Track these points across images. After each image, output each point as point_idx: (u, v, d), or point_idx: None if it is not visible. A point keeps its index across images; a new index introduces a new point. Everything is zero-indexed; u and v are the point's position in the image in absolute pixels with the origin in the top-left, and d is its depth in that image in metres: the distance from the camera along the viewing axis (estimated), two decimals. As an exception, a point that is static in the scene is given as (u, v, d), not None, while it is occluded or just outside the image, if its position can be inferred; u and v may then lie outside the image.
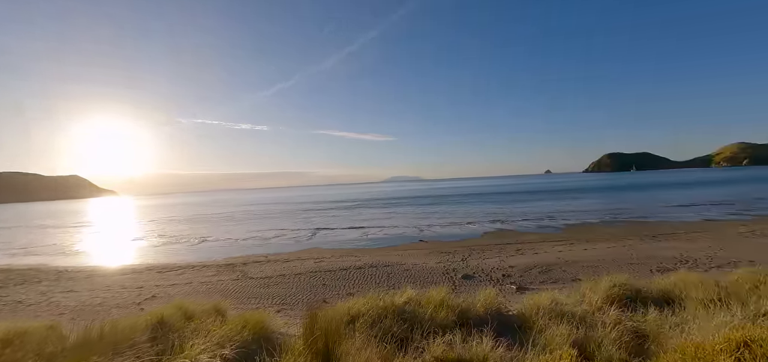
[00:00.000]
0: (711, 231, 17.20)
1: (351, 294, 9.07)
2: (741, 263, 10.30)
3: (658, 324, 4.78)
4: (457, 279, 10.39)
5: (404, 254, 14.58)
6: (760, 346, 2.70)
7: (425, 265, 12.20)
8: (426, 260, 13.16)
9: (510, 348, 3.68)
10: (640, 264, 11.03)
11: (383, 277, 10.87)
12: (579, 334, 4.27)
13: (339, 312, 5.14)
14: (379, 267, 12.02)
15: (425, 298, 5.73)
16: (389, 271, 11.53)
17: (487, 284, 9.61)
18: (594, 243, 15.28)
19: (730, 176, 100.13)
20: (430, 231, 22.31)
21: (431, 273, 11.17)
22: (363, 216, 34.22)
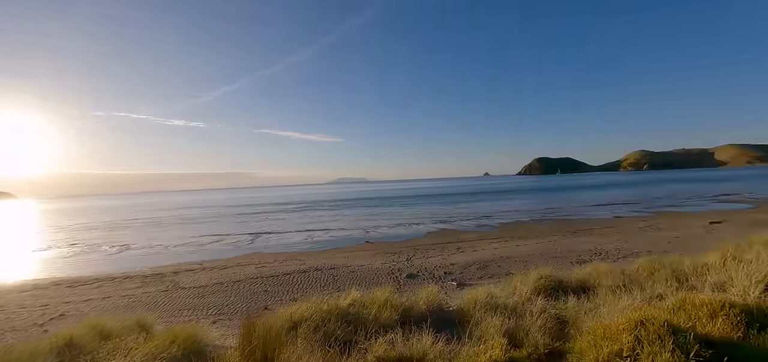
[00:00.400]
0: (619, 227, 19.75)
1: (295, 299, 8.78)
2: (641, 253, 11.97)
3: (576, 310, 5.35)
4: (401, 278, 10.61)
5: (350, 256, 14.52)
6: (652, 324, 3.17)
7: (371, 266, 12.27)
8: (372, 261, 13.24)
9: (449, 342, 3.85)
10: (562, 257, 12.27)
11: (328, 280, 10.71)
12: (510, 324, 4.62)
13: (280, 319, 4.95)
14: (324, 270, 11.82)
15: (370, 299, 5.76)
16: (335, 274, 11.39)
17: (430, 282, 9.95)
18: (525, 240, 16.66)
19: (633, 179, 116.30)
20: (376, 232, 22.51)
21: (377, 273, 11.27)
22: (309, 218, 33.42)
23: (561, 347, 3.93)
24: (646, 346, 2.97)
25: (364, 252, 15.60)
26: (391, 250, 15.62)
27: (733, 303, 3.95)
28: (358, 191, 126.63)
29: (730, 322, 3.52)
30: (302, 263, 13.31)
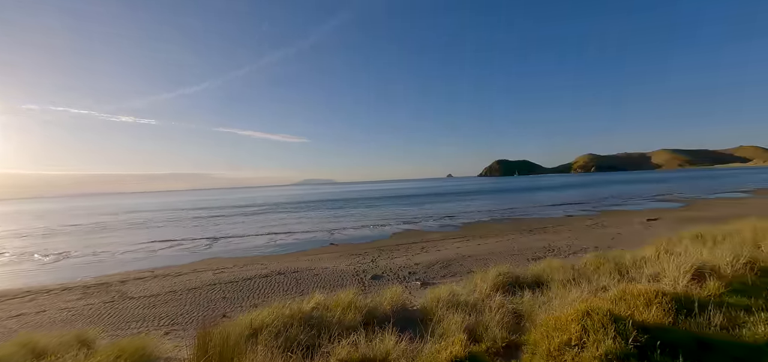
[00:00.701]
0: (570, 225, 21.12)
1: (256, 305, 8.47)
2: (589, 249, 12.89)
3: (531, 304, 5.65)
4: (366, 279, 10.61)
5: (314, 259, 14.27)
6: (597, 314, 3.43)
7: (336, 268, 12.15)
8: (336, 263, 13.11)
9: (412, 340, 3.91)
10: (519, 254, 12.90)
11: (292, 284, 10.45)
12: (471, 320, 4.78)
13: (240, 326, 4.75)
14: (287, 274, 11.52)
15: (334, 302, 5.70)
16: (298, 277, 11.15)
17: (394, 282, 10.03)
18: (486, 239, 17.32)
19: (583, 180, 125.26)
20: (341, 234, 22.32)
21: (341, 275, 11.17)
22: (272, 221, 32.42)
23: (517, 339, 4.14)
24: (592, 334, 3.21)
25: (329, 254, 15.41)
26: (357, 251, 15.57)
27: (665, 292, 4.38)
28: (324, 192, 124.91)
29: (662, 309, 3.90)
30: (264, 267, 12.88)
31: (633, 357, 2.96)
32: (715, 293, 4.65)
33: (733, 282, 5.14)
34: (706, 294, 4.62)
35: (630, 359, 2.93)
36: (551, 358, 3.25)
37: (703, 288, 4.85)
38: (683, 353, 2.99)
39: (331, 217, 34.16)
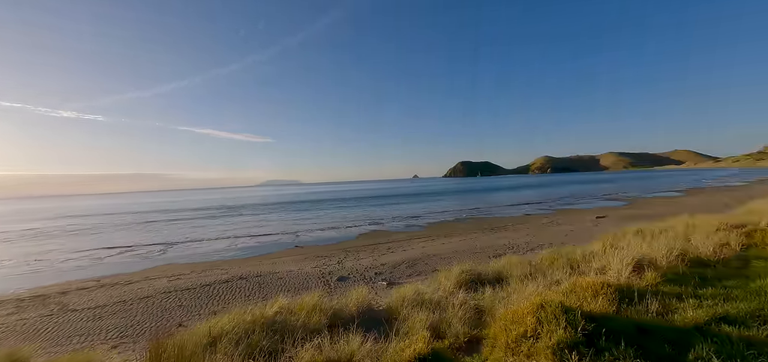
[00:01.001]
0: (528, 223, 22.24)
1: (215, 312, 8.09)
2: (545, 245, 13.62)
3: (492, 299, 5.88)
4: (332, 281, 10.50)
5: (278, 262, 13.90)
6: (550, 306, 3.64)
7: (301, 271, 11.91)
8: (302, 266, 12.86)
9: (377, 340, 3.93)
10: (482, 252, 13.37)
11: (254, 289, 10.11)
12: (435, 318, 4.89)
13: (197, 335, 4.52)
14: (249, 279, 11.12)
15: (298, 305, 5.59)
16: (261, 281, 10.80)
17: (361, 283, 10.02)
18: (450, 238, 17.78)
19: (540, 181, 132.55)
20: (307, 236, 21.92)
21: (307, 278, 10.97)
22: (233, 224, 31.10)
23: (478, 334, 4.29)
24: (545, 325, 3.41)
25: (294, 257, 15.07)
26: (322, 253, 15.37)
27: (610, 283, 4.75)
28: (289, 194, 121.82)
29: (607, 299, 4.23)
30: (224, 272, 12.35)
31: (581, 345, 3.18)
32: (652, 283, 5.12)
33: (668, 273, 5.69)
34: (645, 284, 5.07)
35: (579, 346, 3.14)
36: (509, 350, 3.41)
37: (642, 278, 5.32)
38: (625, 338, 3.26)
39: (296, 219, 33.43)
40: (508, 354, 3.39)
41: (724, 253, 6.95)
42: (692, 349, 3.24)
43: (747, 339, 3.44)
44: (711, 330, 3.67)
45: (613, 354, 3.10)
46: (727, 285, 5.08)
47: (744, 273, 5.65)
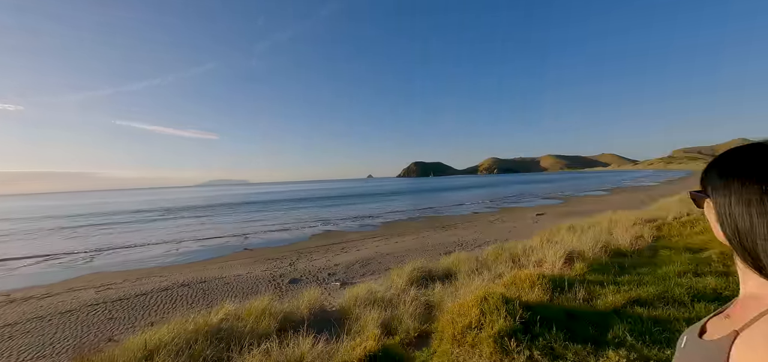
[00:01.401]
0: (476, 221, 23.41)
1: (152, 323, 7.47)
2: (491, 242, 14.45)
3: (442, 294, 6.12)
4: (284, 284, 10.20)
5: (225, 267, 13.18)
6: (492, 298, 3.90)
7: (250, 275, 11.41)
8: (251, 269, 12.32)
9: (328, 341, 3.91)
10: (433, 250, 13.82)
11: (198, 296, 9.48)
12: (386, 315, 4.99)
13: (130, 349, 4.15)
14: (192, 285, 10.41)
15: (246, 310, 5.36)
16: (206, 288, 10.16)
17: (313, 285, 9.85)
18: (403, 237, 18.14)
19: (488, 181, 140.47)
20: (256, 238, 21.02)
21: (256, 282, 10.54)
22: (174, 227, 28.82)
23: (428, 328, 4.46)
24: (488, 316, 3.64)
25: (243, 260, 14.39)
26: (274, 256, 14.86)
27: (545, 274, 5.20)
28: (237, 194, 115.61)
29: (542, 289, 4.62)
30: (164, 279, 11.43)
31: (519, 332, 3.45)
32: (580, 273, 5.69)
33: (593, 263, 6.35)
34: (574, 274, 5.62)
35: (517, 333, 3.40)
36: (455, 341, 3.59)
37: (573, 269, 5.89)
38: (556, 324, 3.59)
39: (245, 220, 31.87)
40: (454, 345, 3.56)
41: (639, 244, 7.93)
42: (611, 329, 3.67)
43: (654, 318, 3.97)
44: (626, 312, 4.17)
45: (546, 339, 3.41)
46: (640, 271, 5.81)
47: (653, 261, 6.50)
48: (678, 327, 3.76)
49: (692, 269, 5.80)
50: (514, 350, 3.23)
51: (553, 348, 3.31)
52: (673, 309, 4.26)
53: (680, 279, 5.32)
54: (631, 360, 3.13)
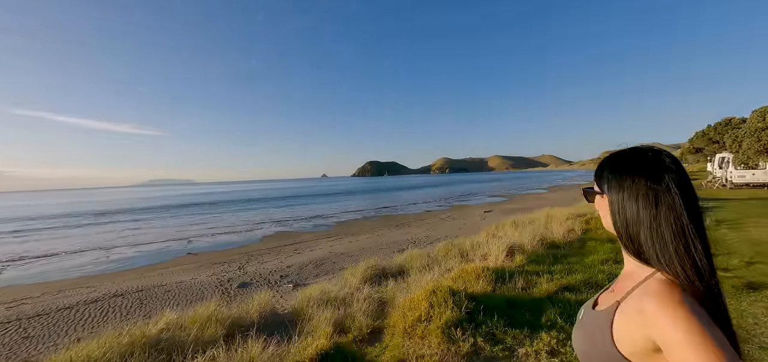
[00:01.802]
0: (428, 219, 24.16)
1: (79, 339, 6.75)
2: (442, 239, 15.00)
3: (394, 291, 6.26)
4: (232, 289, 9.74)
5: (166, 273, 12.26)
6: (440, 291, 4.11)
7: (194, 281, 10.73)
8: (195, 275, 11.59)
9: (280, 344, 3.84)
10: (387, 248, 14.05)
11: (135, 306, 8.72)
12: (340, 314, 5.00)
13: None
14: (127, 295, 9.54)
15: (189, 318, 5.05)
16: (143, 297, 9.38)
17: (265, 288, 9.52)
18: (357, 236, 18.18)
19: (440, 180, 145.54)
20: (202, 242, 19.76)
21: (202, 288, 9.94)
22: (106, 231, 26.03)
23: (381, 324, 4.56)
24: (436, 309, 3.83)
25: (186, 266, 13.47)
26: (221, 260, 14.10)
27: (489, 267, 5.56)
28: (181, 194, 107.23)
29: (486, 281, 4.95)
30: (93, 290, 10.34)
31: (465, 322, 3.68)
32: (520, 264, 6.18)
33: (531, 255, 6.92)
34: (515, 265, 6.09)
35: (462, 323, 3.63)
36: (406, 334, 3.73)
37: (513, 261, 6.37)
38: (497, 312, 3.88)
39: (189, 223, 29.76)
40: (405, 338, 3.70)
41: (571, 237, 8.77)
42: (544, 314, 4.05)
43: (581, 301, 4.44)
44: (558, 297, 4.63)
45: (489, 326, 3.68)
46: (570, 261, 6.45)
47: (582, 252, 7.25)
48: (599, 309, 4.26)
49: (613, 257, 6.57)
50: (459, 338, 3.44)
51: (494, 334, 3.58)
52: (596, 292, 4.80)
53: (603, 267, 6.01)
54: (560, 339, 3.49)
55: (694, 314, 0.62)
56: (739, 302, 4.39)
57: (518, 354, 3.31)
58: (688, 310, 0.62)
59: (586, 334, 0.86)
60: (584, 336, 0.87)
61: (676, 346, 0.61)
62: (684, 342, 0.60)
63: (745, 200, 16.07)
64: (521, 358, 3.26)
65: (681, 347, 0.60)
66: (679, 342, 0.60)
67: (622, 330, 0.74)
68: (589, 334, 0.84)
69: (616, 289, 0.87)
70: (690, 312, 0.62)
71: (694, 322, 0.61)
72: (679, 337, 0.61)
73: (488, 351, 3.35)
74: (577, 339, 0.90)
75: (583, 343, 0.86)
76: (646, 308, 0.68)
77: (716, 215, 11.91)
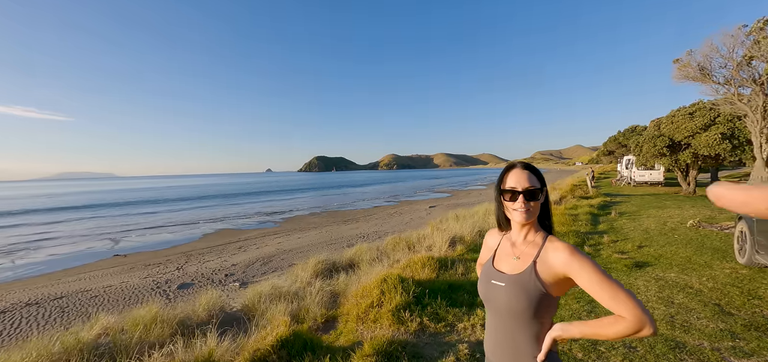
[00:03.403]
0: (377, 214, 24.69)
1: (-14, 353, 5.96)
2: (390, 233, 15.54)
3: (346, 283, 6.51)
4: (171, 290, 9.22)
5: (90, 277, 11.11)
6: (390, 279, 4.46)
7: (125, 284, 9.90)
8: (126, 278, 10.69)
9: (235, 337, 3.90)
10: (336, 243, 14.20)
11: (54, 316, 7.85)
12: (293, 307, 5.13)
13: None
14: (44, 303, 8.54)
15: (130, 321, 4.80)
16: (64, 304, 8.47)
17: (208, 288, 9.15)
18: (306, 232, 18.02)
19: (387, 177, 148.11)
20: (130, 242, 18.06)
21: (135, 291, 9.25)
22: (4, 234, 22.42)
23: (334, 313, 4.80)
24: (387, 295, 4.18)
25: (113, 268, 12.31)
26: (155, 260, 13.10)
27: (434, 257, 6.08)
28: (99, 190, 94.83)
29: (431, 268, 5.44)
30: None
31: (412, 305, 4.07)
32: (461, 253, 6.82)
33: (471, 245, 7.64)
34: (456, 254, 6.70)
35: (410, 306, 4.02)
36: (360, 320, 4.02)
37: (455, 250, 6.99)
38: (441, 294, 4.35)
39: (113, 222, 26.81)
40: (359, 323, 3.99)
41: (504, 228, 9.74)
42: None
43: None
44: (492, 280, 5.26)
45: (433, 307, 4.12)
46: (503, 249, 7.24)
47: (513, 241, 8.14)
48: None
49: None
50: (408, 319, 3.82)
51: (438, 313, 4.02)
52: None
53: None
54: (492, 315, 4.05)
55: (579, 251, 1.15)
56: (628, 277, 5.41)
57: (457, 328, 3.79)
58: (577, 250, 1.15)
59: (515, 288, 1.20)
60: (513, 291, 1.20)
61: (579, 269, 1.10)
62: (583, 265, 1.09)
63: (643, 196, 18.97)
64: (460, 331, 3.73)
65: (582, 268, 1.09)
66: (581, 265, 1.10)
67: (542, 273, 1.17)
68: (519, 286, 1.19)
69: (521, 256, 1.25)
70: (578, 251, 1.15)
71: (582, 254, 1.13)
72: (580, 262, 1.10)
73: (433, 328, 3.78)
74: (505, 294, 1.22)
75: (512, 293, 1.20)
76: (560, 253, 1.15)
77: (619, 208, 14.00)
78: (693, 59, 12.20)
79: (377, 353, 2.94)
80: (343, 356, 3.05)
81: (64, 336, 4.34)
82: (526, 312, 1.17)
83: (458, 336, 3.62)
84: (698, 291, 4.87)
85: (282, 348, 3.11)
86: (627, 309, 1.03)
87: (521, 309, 1.18)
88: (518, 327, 1.20)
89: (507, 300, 1.21)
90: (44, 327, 7.23)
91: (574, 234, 8.77)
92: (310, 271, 7.58)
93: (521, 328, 1.20)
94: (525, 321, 1.18)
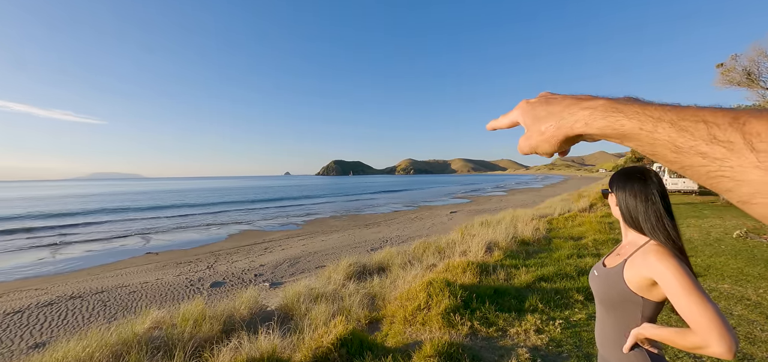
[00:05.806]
0: (398, 219, 24.63)
1: (40, 344, 6.28)
2: (414, 237, 15.45)
3: (380, 286, 6.51)
4: (205, 288, 9.43)
5: (126, 273, 11.52)
6: (436, 283, 4.42)
7: (161, 281, 10.21)
8: (161, 274, 11.03)
9: (284, 336, 3.94)
10: (361, 246, 14.22)
11: (96, 308, 8.17)
12: (334, 308, 5.15)
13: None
14: (87, 297, 8.90)
15: (179, 316, 4.94)
16: (105, 298, 8.80)
17: (239, 287, 9.34)
18: (328, 235, 18.15)
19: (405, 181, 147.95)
20: (160, 240, 18.65)
21: (171, 288, 9.52)
22: (41, 227, 23.57)
23: (376, 315, 4.78)
24: (434, 298, 4.13)
25: (148, 265, 12.73)
26: (186, 259, 13.47)
27: (472, 261, 5.99)
28: (128, 189, 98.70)
29: (472, 273, 5.35)
30: (43, 292, 9.51)
31: (461, 308, 4.02)
32: (499, 259, 6.69)
33: (507, 251, 7.49)
34: (494, 260, 6.58)
35: (459, 309, 3.96)
36: (407, 322, 3.99)
37: (492, 256, 6.87)
38: (488, 299, 4.27)
39: (143, 220, 27.79)
40: (406, 325, 3.96)
41: (538, 235, 9.53)
42: (527, 300, 4.51)
43: (555, 289, 4.98)
44: (536, 286, 5.14)
45: (482, 311, 4.04)
46: (541, 256, 7.08)
47: (549, 248, 7.95)
48: (571, 295, 4.81)
49: (576, 252, 7.30)
50: (458, 323, 3.77)
51: (487, 317, 3.95)
52: (567, 281, 5.39)
53: (569, 260, 6.67)
54: (543, 320, 3.94)
55: (676, 259, 1.06)
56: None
57: (510, 333, 3.70)
58: (673, 257, 1.06)
59: (604, 281, 1.29)
60: (603, 282, 1.30)
61: (667, 278, 1.03)
62: (672, 275, 1.02)
63: (678, 205, 18.21)
64: (513, 336, 3.65)
65: (670, 278, 1.02)
66: (669, 275, 1.02)
67: (630, 275, 1.17)
68: (607, 280, 1.27)
69: (621, 252, 1.32)
70: (674, 258, 1.06)
71: (676, 264, 1.04)
72: (670, 272, 1.03)
73: (484, 332, 3.71)
74: (597, 285, 1.33)
75: (602, 286, 1.30)
76: (650, 258, 1.10)
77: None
78: (738, 64, 11.64)
79: (438, 354, 2.91)
80: (404, 356, 3.03)
81: (119, 327, 4.50)
82: (611, 305, 1.27)
83: (513, 341, 3.54)
84: (757, 303, 4.63)
85: (342, 346, 3.12)
86: (705, 327, 0.93)
87: (608, 302, 1.28)
88: (608, 317, 1.31)
89: (596, 291, 1.35)
90: (89, 319, 7.53)
91: (613, 243, 8.48)
92: (342, 273, 7.61)
93: (610, 319, 1.29)
94: (612, 313, 1.28)
